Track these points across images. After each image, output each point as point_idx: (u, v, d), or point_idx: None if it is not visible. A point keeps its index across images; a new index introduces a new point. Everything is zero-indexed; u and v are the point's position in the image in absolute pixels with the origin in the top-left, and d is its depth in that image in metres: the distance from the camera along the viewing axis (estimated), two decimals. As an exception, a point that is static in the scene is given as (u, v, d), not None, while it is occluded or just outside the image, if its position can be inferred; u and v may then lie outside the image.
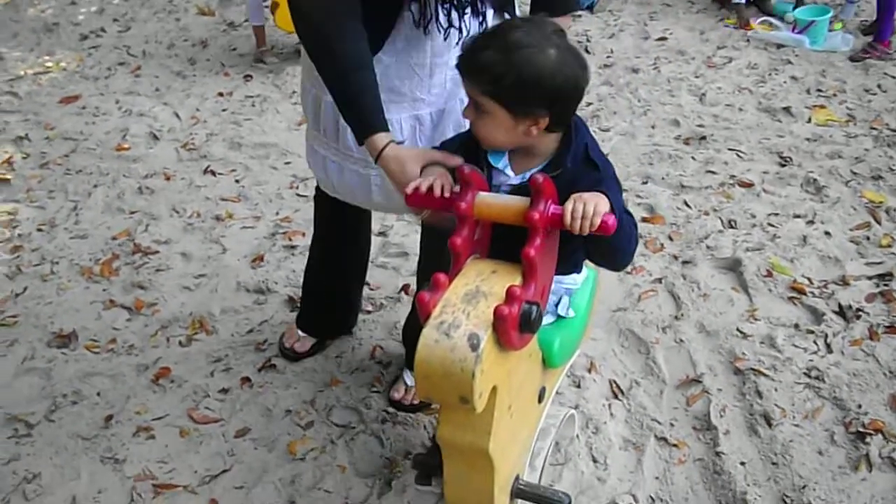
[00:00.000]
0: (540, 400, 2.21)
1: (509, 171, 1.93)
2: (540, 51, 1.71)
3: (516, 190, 1.89)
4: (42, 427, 2.87)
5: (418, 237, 3.57)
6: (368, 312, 3.23)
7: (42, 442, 2.81)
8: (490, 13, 2.27)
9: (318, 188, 2.69)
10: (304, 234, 3.71)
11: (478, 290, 1.81)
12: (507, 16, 2.29)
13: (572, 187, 1.78)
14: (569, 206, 1.73)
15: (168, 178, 4.31)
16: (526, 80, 1.72)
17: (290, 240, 3.70)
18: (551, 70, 1.72)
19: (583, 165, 1.88)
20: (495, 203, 1.89)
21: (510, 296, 1.73)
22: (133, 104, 5.19)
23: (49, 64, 5.98)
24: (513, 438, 2.06)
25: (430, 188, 1.87)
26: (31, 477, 2.69)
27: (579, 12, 5.97)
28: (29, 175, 4.46)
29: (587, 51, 5.47)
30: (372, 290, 3.33)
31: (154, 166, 4.42)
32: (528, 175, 1.85)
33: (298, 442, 2.73)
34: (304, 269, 3.37)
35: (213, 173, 4.35)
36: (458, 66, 1.82)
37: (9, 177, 4.46)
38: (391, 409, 2.82)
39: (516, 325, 1.74)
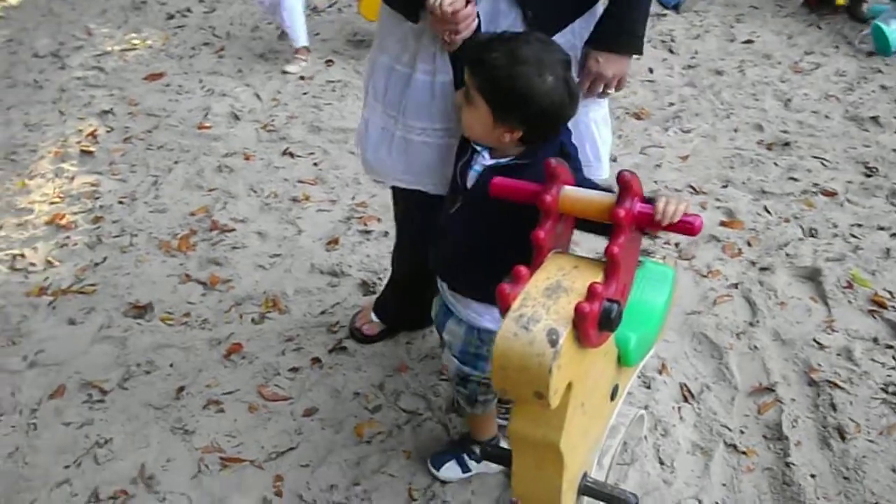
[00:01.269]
0: (612, 398, 2.19)
1: (486, 154, 2.00)
2: (538, 73, 1.81)
3: (488, 170, 1.97)
4: (115, 394, 2.93)
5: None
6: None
7: (115, 409, 2.87)
8: None
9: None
10: (379, 220, 3.72)
11: (559, 285, 1.79)
12: None
13: (529, 176, 1.89)
14: (660, 205, 1.74)
15: (247, 158, 4.36)
16: (514, 94, 1.83)
17: (366, 225, 3.72)
18: (541, 94, 1.82)
19: (546, 157, 1.89)
20: (580, 198, 1.87)
21: (592, 293, 1.71)
22: (215, 84, 5.26)
23: (135, 41, 6.08)
24: (584, 435, 2.04)
25: None
26: (102, 442, 2.75)
27: (665, 11, 5.90)
28: (112, 149, 4.55)
29: (671, 51, 5.40)
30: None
31: (234, 146, 4.47)
32: (501, 161, 1.97)
33: (365, 425, 2.74)
34: (377, 254, 3.40)
35: (292, 155, 4.38)
36: (467, 53, 1.94)
37: (93, 149, 4.55)
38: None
39: (596, 322, 1.72)
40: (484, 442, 2.50)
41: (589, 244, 2.97)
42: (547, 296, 1.77)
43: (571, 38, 2.19)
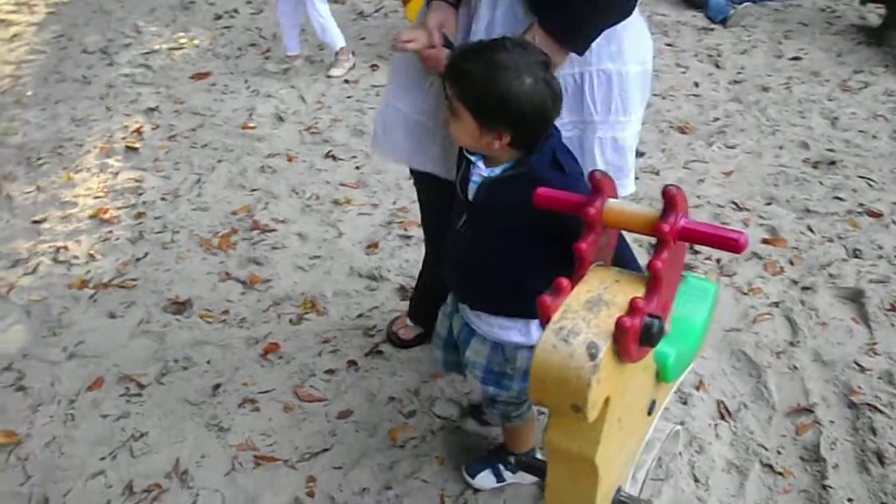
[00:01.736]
0: (649, 413, 2.17)
1: (481, 164, 1.99)
2: (516, 76, 1.81)
3: (487, 183, 1.98)
4: (152, 389, 2.95)
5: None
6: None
7: (151, 403, 2.89)
8: None
9: (412, 173, 2.61)
10: (419, 226, 3.72)
11: (600, 299, 1.78)
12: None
13: (521, 191, 1.86)
14: None
15: (290, 160, 4.38)
16: (495, 99, 1.82)
17: (406, 230, 3.73)
18: (520, 96, 1.81)
19: (546, 165, 1.93)
20: (624, 211, 1.86)
21: (633, 307, 1.70)
22: (261, 85, 5.30)
23: (183, 40, 6.14)
24: (620, 449, 2.03)
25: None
26: (138, 435, 2.77)
27: (712, 26, 5.87)
28: (157, 145, 4.59)
29: (717, 65, 5.37)
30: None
31: (277, 147, 4.50)
32: (496, 171, 1.97)
33: (399, 429, 2.74)
34: (416, 259, 3.40)
35: (334, 158, 4.40)
36: (447, 66, 1.94)
37: (138, 146, 4.60)
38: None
39: (637, 337, 1.71)
40: (518, 454, 2.49)
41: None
42: (588, 309, 1.76)
43: (587, 53, 2.13)
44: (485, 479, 2.54)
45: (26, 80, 5.61)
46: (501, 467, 2.53)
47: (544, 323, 1.74)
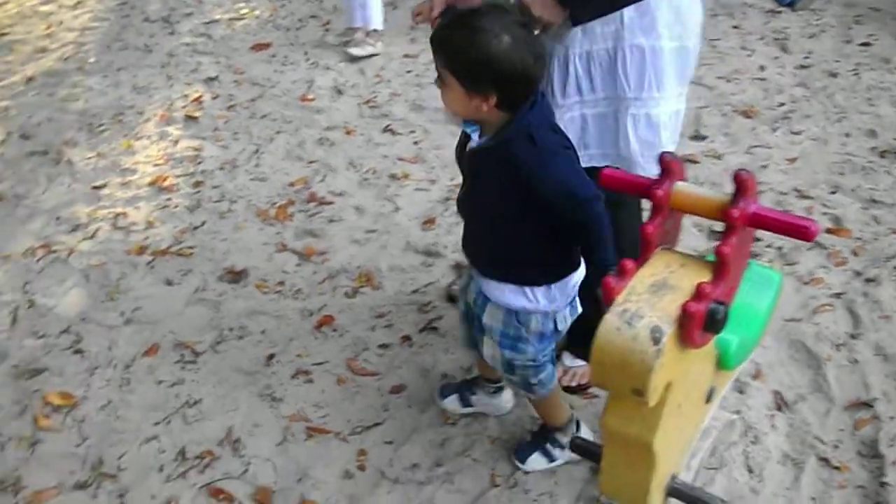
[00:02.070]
0: (708, 400, 2.14)
1: (475, 135, 2.05)
2: (494, 36, 1.86)
3: (480, 151, 2.05)
4: (207, 356, 2.97)
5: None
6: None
7: (206, 370, 2.91)
8: None
9: None
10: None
11: (665, 283, 1.76)
12: None
13: (508, 158, 1.97)
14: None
15: (348, 133, 4.38)
16: (476, 61, 1.88)
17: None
18: (500, 55, 1.87)
19: (521, 139, 1.97)
20: (693, 194, 1.83)
21: (700, 293, 1.68)
22: (320, 57, 5.29)
23: (244, 11, 6.15)
24: (677, 436, 2.00)
25: None
26: (192, 402, 2.80)
27: (780, 8, 5.75)
28: (216, 115, 4.61)
29: (784, 49, 5.25)
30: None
31: (336, 119, 4.49)
32: (480, 141, 2.04)
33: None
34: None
35: (393, 132, 4.39)
36: (430, 39, 1.99)
37: (197, 115, 4.62)
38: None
39: (702, 323, 1.68)
40: (561, 428, 2.49)
41: (687, 242, 2.91)
42: (652, 292, 1.73)
43: (619, 28, 2.17)
44: (535, 462, 2.53)
45: (89, 48, 5.66)
46: (549, 447, 2.52)
47: (608, 304, 1.72)
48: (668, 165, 1.81)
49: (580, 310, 2.29)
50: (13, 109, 4.84)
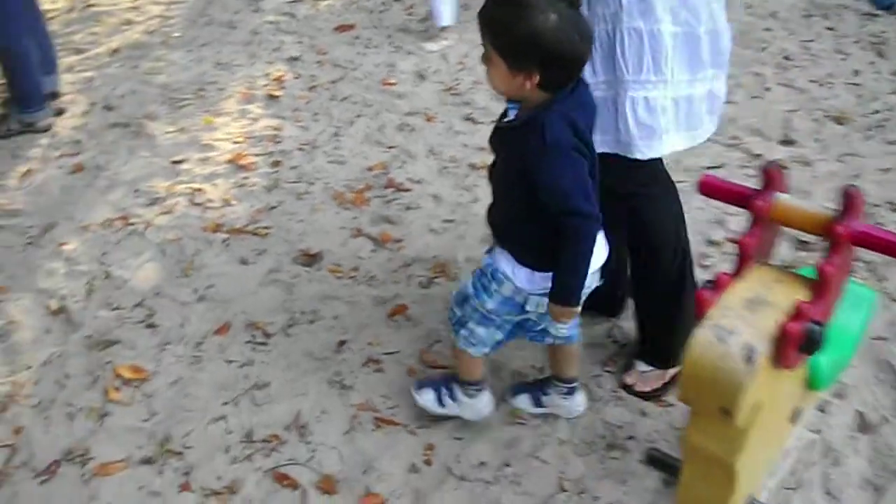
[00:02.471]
0: (792, 421, 2.06)
1: (512, 113, 2.06)
2: (541, 12, 1.85)
3: (503, 129, 2.10)
4: (278, 339, 2.95)
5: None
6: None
7: (276, 353, 2.89)
8: None
9: None
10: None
11: (761, 299, 1.68)
12: None
13: (517, 145, 2.03)
14: None
15: (429, 119, 4.32)
16: (521, 38, 1.87)
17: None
18: (545, 32, 1.85)
19: (532, 129, 1.97)
20: (795, 207, 1.76)
21: (798, 312, 1.60)
22: (403, 41, 5.24)
23: (329, -9, 6.13)
24: (760, 457, 1.93)
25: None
26: (261, 384, 2.78)
27: (877, 12, 5.55)
28: (297, 95, 4.59)
29: (880, 54, 5.07)
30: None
31: (417, 105, 4.44)
32: (507, 119, 2.08)
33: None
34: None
35: (474, 121, 4.32)
36: (477, 14, 1.99)
37: (279, 94, 4.61)
38: (621, 393, 2.72)
39: (798, 344, 1.61)
40: (463, 381, 2.53)
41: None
42: (747, 308, 1.66)
43: (618, 10, 2.15)
44: (426, 400, 2.60)
45: (174, 22, 5.69)
46: (444, 392, 2.58)
47: (700, 316, 1.65)
48: (771, 176, 1.73)
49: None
50: (97, 80, 4.87)
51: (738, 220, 3.38)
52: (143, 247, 3.45)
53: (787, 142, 4.04)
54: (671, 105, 2.24)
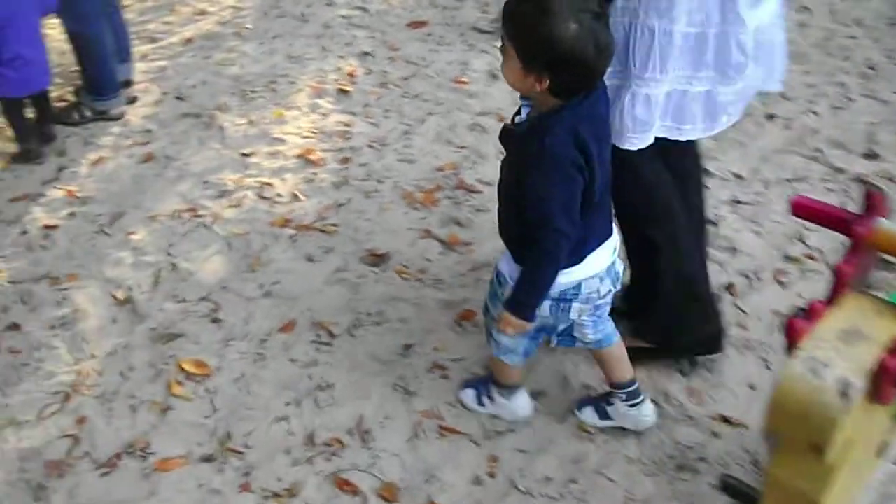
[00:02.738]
0: (880, 455, 1.96)
1: (524, 110, 2.09)
2: (563, 20, 1.85)
3: (509, 129, 2.13)
4: (343, 339, 2.91)
5: (750, 232, 3.34)
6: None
7: (341, 354, 2.85)
8: None
9: None
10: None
11: (858, 331, 1.59)
12: None
13: (519, 146, 2.09)
14: None
15: (501, 120, 4.22)
16: (538, 40, 1.88)
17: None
18: (562, 40, 1.86)
19: (534, 133, 2.00)
20: (900, 235, 1.66)
21: (898, 346, 1.51)
22: (477, 39, 5.16)
23: (403, -14, 6.08)
24: (845, 494, 1.83)
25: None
26: (325, 386, 2.74)
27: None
28: (368, 91, 4.55)
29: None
30: (692, 279, 3.13)
31: (489, 105, 4.35)
32: (516, 120, 2.11)
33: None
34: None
35: (547, 124, 4.23)
36: (502, 8, 1.99)
37: (349, 89, 4.56)
38: (692, 411, 2.63)
39: (897, 380, 1.52)
40: (503, 384, 2.55)
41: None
42: (843, 340, 1.57)
43: (637, 5, 2.13)
44: (467, 396, 2.65)
45: (247, 13, 5.68)
46: (483, 391, 2.62)
47: (791, 346, 1.57)
48: (873, 200, 1.64)
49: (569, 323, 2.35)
50: (170, 70, 4.88)
51: (817, 235, 3.27)
52: (210, 239, 3.44)
53: (870, 156, 3.90)
54: (664, 97, 2.24)
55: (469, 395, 2.64)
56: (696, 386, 2.71)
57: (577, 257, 2.17)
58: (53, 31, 4.62)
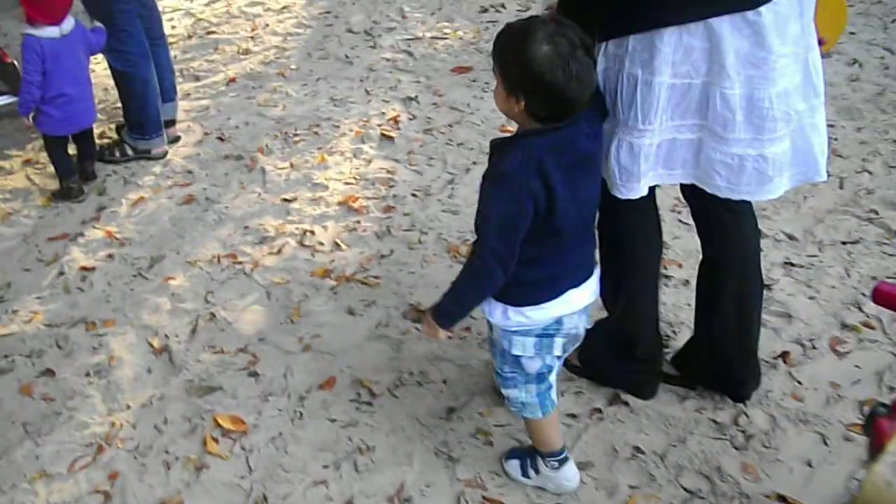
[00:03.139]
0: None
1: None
2: (538, 42, 1.89)
3: (493, 144, 2.14)
4: (384, 399, 2.82)
5: (805, 297, 3.23)
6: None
7: (382, 415, 2.76)
8: None
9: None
10: (680, 266, 3.43)
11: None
12: None
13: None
14: None
15: (547, 172, 4.17)
16: (513, 60, 1.93)
17: (665, 268, 3.41)
18: (534, 61, 1.89)
19: (498, 150, 2.07)
20: None
21: None
22: (521, 87, 5.11)
23: (447, 31, 6.03)
24: None
25: None
26: (364, 448, 2.65)
27: None
28: (412, 137, 4.49)
29: None
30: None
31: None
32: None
33: (641, 497, 2.48)
34: (674, 303, 3.14)
35: (593, 177, 4.15)
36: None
37: (393, 135, 4.51)
38: (747, 488, 2.51)
39: None
40: (543, 453, 2.45)
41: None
42: (932, 442, 1.47)
43: (624, 53, 2.16)
44: (512, 468, 2.54)
45: (290, 54, 5.67)
46: (528, 463, 2.50)
47: (877, 450, 1.46)
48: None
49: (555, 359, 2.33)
50: (213, 109, 4.86)
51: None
52: (250, 288, 3.37)
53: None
54: (654, 150, 2.25)
55: (514, 466, 2.53)
56: (750, 461, 2.59)
57: (555, 292, 2.17)
58: (99, 65, 4.61)
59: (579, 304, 2.22)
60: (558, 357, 2.31)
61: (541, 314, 2.17)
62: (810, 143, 2.28)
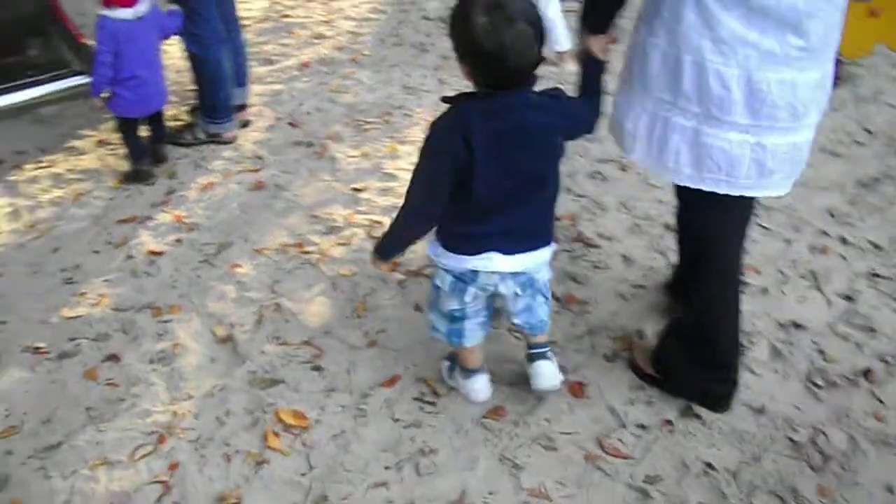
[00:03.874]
0: None
1: None
2: (476, 14, 2.02)
3: None
4: (448, 400, 2.76)
5: (890, 310, 3.09)
6: (818, 388, 2.80)
7: (445, 416, 2.70)
8: None
9: None
10: (758, 272, 3.31)
11: None
12: None
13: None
14: None
15: (623, 169, 4.05)
16: (456, 31, 2.11)
17: (744, 274, 3.27)
18: (470, 30, 2.03)
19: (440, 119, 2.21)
20: None
21: None
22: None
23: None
24: None
25: None
26: (427, 451, 2.59)
27: None
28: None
29: None
30: (825, 362, 2.89)
31: (609, 152, 4.15)
32: None
33: (713, 515, 2.39)
34: (750, 311, 3.03)
35: (670, 176, 4.03)
36: None
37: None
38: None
39: None
40: (463, 366, 2.72)
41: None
42: None
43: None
44: (443, 367, 2.83)
45: (364, 39, 5.62)
46: (452, 368, 2.78)
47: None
48: None
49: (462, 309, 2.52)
50: (285, 94, 4.83)
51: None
52: (316, 279, 3.33)
53: None
54: (648, 119, 2.31)
55: (445, 367, 2.82)
56: (827, 483, 2.48)
57: (473, 249, 2.34)
58: (173, 47, 4.60)
59: (502, 267, 2.36)
60: (473, 307, 2.51)
61: (456, 263, 2.38)
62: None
